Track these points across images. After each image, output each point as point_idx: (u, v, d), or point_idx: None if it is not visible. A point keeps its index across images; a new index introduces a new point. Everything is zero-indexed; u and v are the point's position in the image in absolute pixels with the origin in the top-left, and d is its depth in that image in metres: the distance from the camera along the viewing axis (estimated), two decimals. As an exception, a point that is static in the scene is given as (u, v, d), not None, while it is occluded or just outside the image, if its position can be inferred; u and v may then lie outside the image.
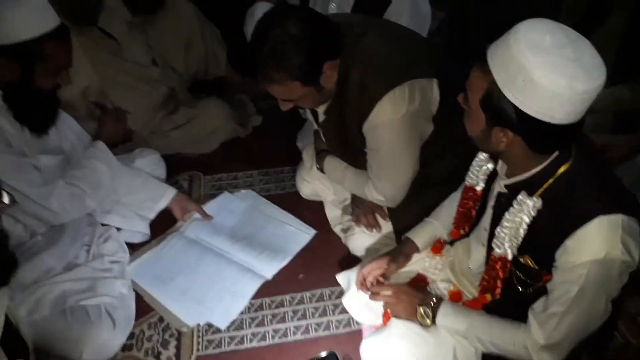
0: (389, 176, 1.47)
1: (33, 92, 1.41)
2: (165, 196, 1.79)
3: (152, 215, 1.78)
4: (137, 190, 1.75)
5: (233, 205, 1.94)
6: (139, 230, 1.77)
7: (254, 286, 1.65)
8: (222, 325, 1.57)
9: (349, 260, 1.68)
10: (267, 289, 1.67)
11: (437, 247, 1.40)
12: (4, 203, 1.01)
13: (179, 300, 1.62)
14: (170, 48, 2.27)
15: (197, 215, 1.85)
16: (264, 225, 1.86)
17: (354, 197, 1.70)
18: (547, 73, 0.87)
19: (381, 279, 1.36)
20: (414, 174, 1.47)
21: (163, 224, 1.84)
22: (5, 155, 1.38)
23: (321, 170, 1.70)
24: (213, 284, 1.65)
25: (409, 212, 1.50)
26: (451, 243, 1.37)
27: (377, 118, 1.35)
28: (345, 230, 1.75)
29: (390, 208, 1.58)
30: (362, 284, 1.38)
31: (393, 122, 1.35)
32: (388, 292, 1.29)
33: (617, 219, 0.94)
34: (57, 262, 1.53)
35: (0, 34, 1.32)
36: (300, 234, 1.83)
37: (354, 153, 1.53)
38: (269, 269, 1.70)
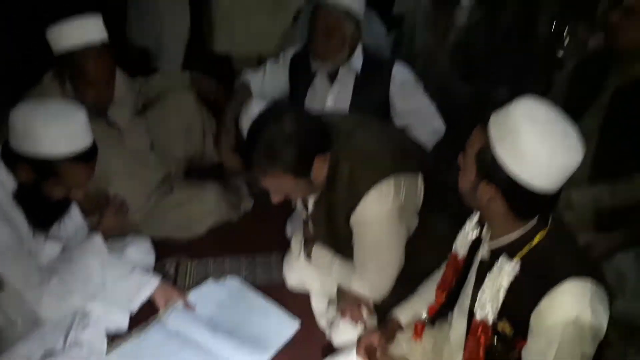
0: (375, 268, 1.47)
1: (42, 197, 1.44)
2: (148, 285, 1.72)
3: (136, 306, 1.71)
4: (122, 280, 1.70)
5: (216, 294, 1.88)
6: (118, 324, 1.71)
7: (234, 380, 1.57)
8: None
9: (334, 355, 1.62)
10: (248, 384, 1.59)
11: (418, 332, 1.38)
12: None
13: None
14: (170, 134, 2.31)
15: (179, 303, 1.79)
16: (247, 316, 1.80)
17: (340, 289, 1.68)
18: (532, 139, 0.97)
19: None
20: (399, 268, 1.49)
21: (144, 312, 1.77)
22: (19, 259, 1.40)
23: (309, 258, 1.70)
24: (192, 378, 1.57)
25: (392, 302, 1.49)
26: (433, 322, 1.37)
27: (365, 211, 1.39)
28: (330, 323, 1.71)
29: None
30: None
31: (380, 215, 1.39)
32: None
33: (586, 284, 1.01)
34: (36, 350, 1.47)
35: (24, 141, 1.37)
36: (285, 326, 1.77)
37: (342, 243, 1.54)
38: (251, 362, 1.63)
